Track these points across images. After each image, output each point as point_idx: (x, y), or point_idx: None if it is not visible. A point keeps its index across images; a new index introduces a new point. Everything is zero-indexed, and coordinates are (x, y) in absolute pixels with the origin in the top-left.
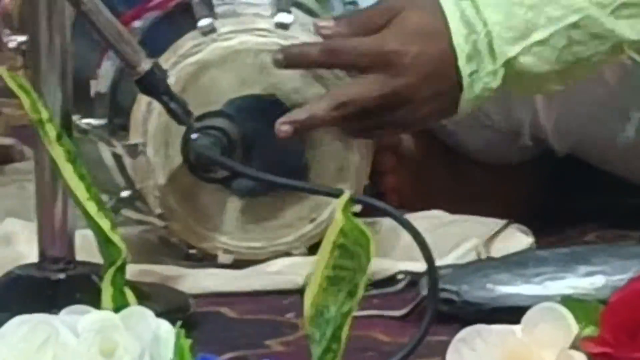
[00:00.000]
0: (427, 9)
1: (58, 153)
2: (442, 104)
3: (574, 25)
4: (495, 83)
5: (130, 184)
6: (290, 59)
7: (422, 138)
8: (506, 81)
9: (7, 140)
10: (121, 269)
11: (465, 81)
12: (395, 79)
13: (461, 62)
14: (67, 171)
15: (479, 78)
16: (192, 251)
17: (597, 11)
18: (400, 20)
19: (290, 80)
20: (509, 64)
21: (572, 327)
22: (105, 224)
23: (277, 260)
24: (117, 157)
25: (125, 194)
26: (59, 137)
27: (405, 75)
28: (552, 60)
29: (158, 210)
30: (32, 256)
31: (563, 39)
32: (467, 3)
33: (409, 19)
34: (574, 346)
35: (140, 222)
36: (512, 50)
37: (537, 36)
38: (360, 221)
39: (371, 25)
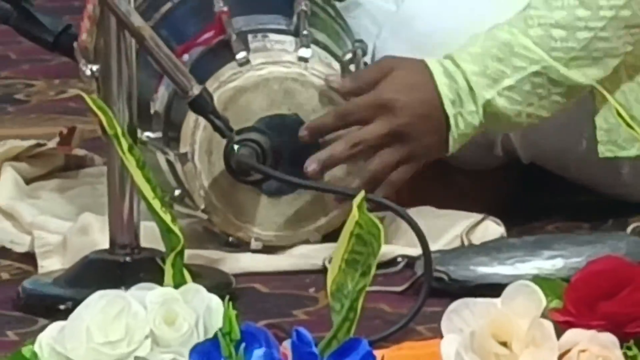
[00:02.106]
0: (414, 67)
1: (130, 161)
2: (435, 141)
3: (536, 74)
4: (477, 120)
5: (180, 185)
6: (312, 133)
7: None
8: (485, 119)
9: (81, 151)
10: (180, 254)
11: (452, 120)
12: (394, 119)
13: (447, 105)
14: (137, 175)
15: (463, 117)
16: (230, 239)
17: (553, 62)
18: (392, 77)
19: (309, 103)
20: (487, 104)
21: (542, 300)
22: (167, 218)
23: (298, 246)
24: (170, 163)
25: (176, 192)
26: (130, 148)
27: (401, 116)
28: (520, 101)
29: (202, 206)
30: (104, 243)
31: (528, 84)
32: (448, 61)
33: (399, 75)
34: (543, 316)
35: (188, 216)
36: (488, 94)
37: (507, 82)
38: (372, 215)
39: (370, 81)
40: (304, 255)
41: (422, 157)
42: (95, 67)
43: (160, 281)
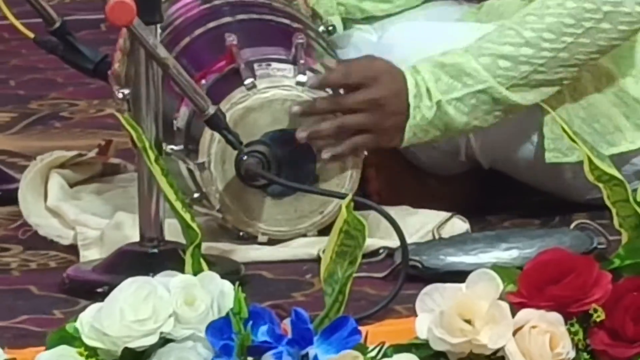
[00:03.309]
0: (393, 68)
1: (156, 170)
2: (396, 124)
3: (481, 91)
4: (430, 115)
5: (198, 189)
6: (304, 111)
7: (394, 157)
8: (438, 120)
9: (115, 160)
10: (198, 246)
11: (411, 110)
12: (373, 89)
13: (410, 97)
14: (162, 181)
15: (420, 110)
16: (240, 234)
17: (497, 85)
18: (376, 68)
19: (305, 119)
20: (438, 104)
21: (499, 285)
22: (187, 216)
23: (297, 239)
24: (190, 171)
25: (195, 195)
26: (156, 159)
27: (380, 88)
28: (467, 112)
29: (217, 207)
30: (135, 237)
31: (474, 99)
32: (411, 67)
33: (379, 66)
34: (501, 298)
35: (205, 214)
36: (440, 97)
37: (456, 94)
38: (358, 214)
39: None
40: (302, 247)
41: (381, 134)
42: (126, 91)
43: (181, 269)
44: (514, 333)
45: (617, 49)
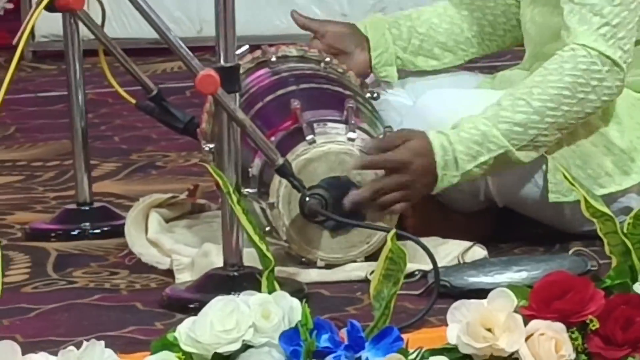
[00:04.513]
0: (421, 139)
1: (238, 209)
2: (425, 187)
3: (500, 155)
4: (455, 181)
5: (269, 224)
6: (362, 166)
7: (426, 198)
8: (461, 179)
9: (202, 201)
10: (272, 271)
11: (439, 178)
12: (403, 176)
13: (438, 168)
14: (243, 218)
15: (446, 178)
16: (303, 260)
17: (512, 147)
18: (406, 144)
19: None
20: (465, 173)
21: (514, 301)
22: (262, 246)
23: (349, 264)
24: (262, 209)
25: (267, 229)
26: (238, 201)
27: (407, 173)
28: (487, 169)
29: (284, 238)
30: (219, 263)
31: (493, 160)
32: (444, 138)
33: (413, 143)
34: (515, 311)
35: (274, 244)
36: (469, 166)
37: (482, 159)
38: (400, 244)
39: (392, 143)
40: (353, 270)
41: (415, 194)
42: (212, 145)
43: (258, 289)
44: (526, 339)
45: (605, 109)
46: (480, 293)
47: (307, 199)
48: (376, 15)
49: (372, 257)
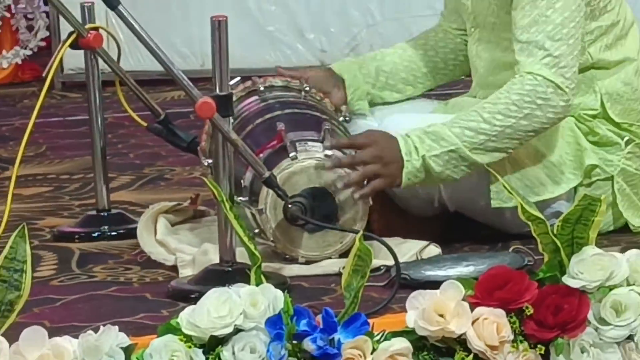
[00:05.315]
0: (387, 137)
1: (231, 215)
2: (397, 172)
3: (452, 151)
4: (418, 164)
5: (258, 227)
6: (333, 165)
7: (390, 205)
8: (422, 169)
9: (202, 207)
10: (259, 267)
11: (405, 161)
12: (375, 147)
13: (403, 152)
14: (235, 222)
15: (410, 161)
16: (286, 257)
17: (463, 147)
18: (374, 136)
19: (330, 179)
20: (423, 157)
21: (462, 291)
22: (251, 245)
23: (325, 260)
24: (252, 215)
25: (256, 231)
26: (230, 208)
27: (379, 146)
28: (442, 165)
29: (271, 239)
30: (216, 260)
31: (446, 156)
32: (406, 137)
33: (378, 135)
34: (463, 300)
35: (263, 244)
36: (424, 152)
37: (434, 152)
38: (367, 244)
39: (360, 140)
40: (329, 266)
41: (389, 178)
42: (210, 161)
43: (248, 282)
44: (473, 323)
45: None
46: (435, 284)
47: (290, 206)
48: (348, 59)
49: (344, 254)
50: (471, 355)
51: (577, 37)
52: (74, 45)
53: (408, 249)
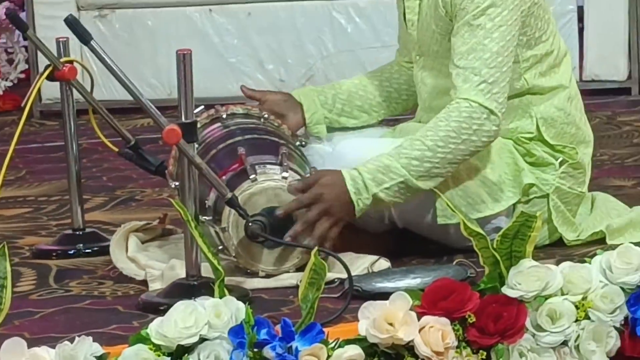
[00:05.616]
0: (334, 175)
1: (196, 233)
2: (346, 212)
3: (401, 182)
4: (368, 202)
5: (222, 243)
6: (285, 212)
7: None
8: (373, 202)
9: (170, 226)
10: (222, 280)
11: (355, 203)
12: (321, 203)
13: (351, 194)
14: (199, 240)
15: (361, 201)
16: (248, 271)
17: (410, 177)
18: (320, 181)
19: (286, 200)
20: (374, 195)
21: (409, 301)
22: (215, 261)
23: (284, 274)
24: (216, 233)
25: (219, 247)
26: (195, 227)
27: (323, 201)
28: (392, 195)
29: (233, 254)
30: (183, 274)
31: (395, 187)
32: (354, 171)
33: (324, 179)
34: (411, 309)
35: (226, 259)
36: (375, 190)
37: (385, 185)
38: (322, 259)
39: (310, 183)
40: (287, 279)
41: (338, 217)
42: (176, 183)
43: (212, 295)
44: (420, 331)
45: (480, 152)
46: (384, 296)
47: (250, 224)
48: (307, 87)
49: (301, 268)
50: None
51: (509, 65)
52: (51, 77)
53: (360, 262)
